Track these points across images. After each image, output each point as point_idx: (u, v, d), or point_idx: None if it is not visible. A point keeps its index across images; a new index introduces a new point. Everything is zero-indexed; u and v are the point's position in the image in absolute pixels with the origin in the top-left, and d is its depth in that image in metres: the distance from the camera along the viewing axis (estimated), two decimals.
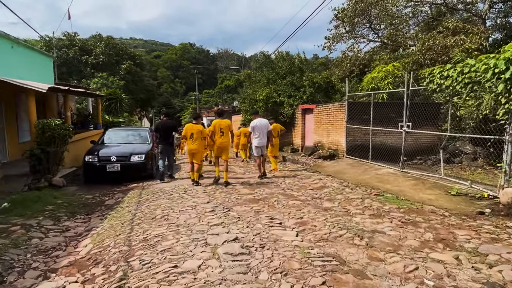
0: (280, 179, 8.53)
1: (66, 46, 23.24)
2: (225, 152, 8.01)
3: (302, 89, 15.69)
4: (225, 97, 62.29)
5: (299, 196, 6.47)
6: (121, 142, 9.78)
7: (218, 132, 7.88)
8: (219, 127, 7.89)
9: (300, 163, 11.71)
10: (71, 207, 6.18)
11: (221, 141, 7.91)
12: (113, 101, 15.37)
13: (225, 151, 8.02)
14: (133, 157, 8.70)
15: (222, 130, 7.89)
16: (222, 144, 7.93)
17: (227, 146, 8.04)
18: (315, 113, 13.07)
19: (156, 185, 8.23)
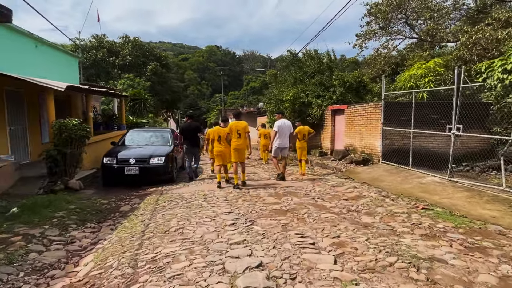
0: (309, 186, 7.75)
1: (95, 48, 23.63)
2: (241, 154, 7.82)
3: (332, 88, 14.76)
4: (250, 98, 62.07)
5: (332, 207, 5.67)
6: (142, 143, 9.38)
7: (234, 134, 7.68)
8: (235, 129, 7.67)
9: (330, 168, 10.83)
10: (83, 213, 5.73)
11: (237, 143, 7.70)
12: (137, 101, 15.19)
13: (241, 154, 7.82)
14: (153, 159, 8.23)
15: (238, 132, 7.67)
16: (238, 146, 7.72)
17: (244, 148, 7.84)
18: (347, 114, 12.14)
19: (175, 189, 7.71)
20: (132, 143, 9.44)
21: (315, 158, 13.35)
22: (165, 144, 9.44)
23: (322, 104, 14.36)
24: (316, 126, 14.66)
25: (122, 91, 15.71)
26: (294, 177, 9.43)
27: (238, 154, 7.77)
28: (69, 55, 12.65)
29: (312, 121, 14.36)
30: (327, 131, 14.05)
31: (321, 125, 14.50)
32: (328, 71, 15.65)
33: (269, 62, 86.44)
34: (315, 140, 15.21)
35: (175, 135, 11.79)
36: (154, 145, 9.25)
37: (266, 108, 17.66)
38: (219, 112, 55.45)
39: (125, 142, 9.46)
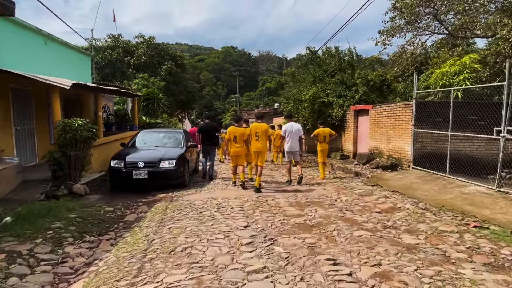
0: (334, 195, 6.96)
1: (110, 48, 23.49)
2: (260, 157, 7.70)
3: (354, 87, 13.87)
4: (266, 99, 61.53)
5: (364, 222, 4.88)
6: (152, 145, 8.82)
7: (253, 136, 7.66)
8: (255, 130, 7.65)
9: (354, 173, 9.98)
10: (83, 224, 5.15)
11: (256, 145, 7.66)
12: (151, 101, 14.74)
13: (261, 156, 7.71)
14: (163, 163, 7.63)
15: (257, 134, 7.62)
16: (257, 148, 7.67)
17: (263, 151, 7.76)
18: (371, 115, 11.25)
19: (186, 196, 7.08)
20: (142, 144, 8.89)
21: (336, 161, 12.50)
22: (177, 146, 8.85)
23: (343, 104, 13.50)
24: (337, 127, 13.81)
25: (136, 91, 15.28)
26: (315, 182, 8.65)
27: (258, 156, 7.68)
28: (81, 53, 12.29)
29: (333, 122, 13.52)
30: (349, 133, 13.17)
31: (342, 126, 13.63)
32: (350, 69, 14.77)
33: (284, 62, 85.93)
34: (336, 142, 14.34)
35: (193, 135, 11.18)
36: (165, 147, 8.67)
37: (284, 108, 16.92)
38: (234, 113, 55.10)
39: (135, 144, 8.92)
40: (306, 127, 14.41)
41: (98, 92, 9.82)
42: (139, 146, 8.82)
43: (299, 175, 8.32)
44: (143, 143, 8.94)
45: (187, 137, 9.98)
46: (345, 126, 13.48)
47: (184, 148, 8.74)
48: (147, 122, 13.92)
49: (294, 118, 14.92)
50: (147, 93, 15.01)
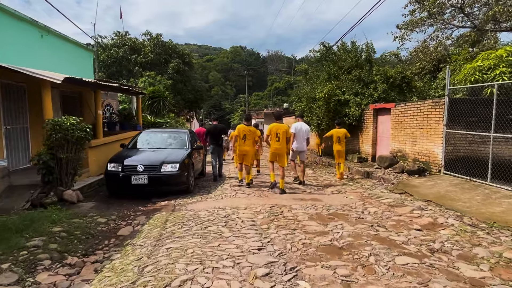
0: (359, 204, 6.07)
1: (117, 45, 22.90)
2: (281, 158, 7.54)
3: (372, 85, 12.91)
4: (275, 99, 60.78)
5: (404, 244, 3.98)
6: (154, 146, 8.04)
7: (274, 137, 7.45)
8: (275, 131, 7.43)
9: (376, 178, 9.05)
10: (67, 240, 4.37)
11: (276, 146, 7.47)
12: (156, 100, 14.01)
13: (281, 157, 7.54)
14: (165, 166, 6.83)
15: (278, 135, 7.42)
16: (277, 150, 7.49)
17: (283, 152, 7.57)
18: (394, 114, 10.28)
19: (191, 204, 6.26)
20: (143, 145, 8.12)
21: (353, 164, 11.56)
22: (181, 147, 8.05)
23: (361, 103, 12.55)
24: (353, 127, 12.88)
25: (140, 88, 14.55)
26: (335, 190, 7.75)
27: (278, 157, 7.53)
28: (82, 48, 11.60)
29: (350, 121, 12.58)
30: (367, 134, 12.22)
31: (359, 126, 12.68)
32: (367, 65, 13.80)
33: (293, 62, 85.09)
34: (352, 143, 13.42)
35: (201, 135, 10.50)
36: (168, 149, 7.87)
37: (296, 107, 16.02)
38: (243, 113, 54.34)
39: (136, 145, 8.15)
40: (320, 127, 13.51)
41: (97, 88, 9.08)
42: (140, 147, 8.04)
43: (301, 179, 8.34)
44: (144, 144, 8.17)
45: (193, 137, 9.19)
46: (362, 126, 12.53)
47: (190, 150, 7.94)
48: (152, 122, 13.20)
49: (305, 117, 14.08)
50: (152, 91, 14.27)
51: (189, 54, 24.13)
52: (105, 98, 13.20)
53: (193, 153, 8.11)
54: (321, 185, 8.61)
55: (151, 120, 13.31)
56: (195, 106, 26.14)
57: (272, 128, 7.47)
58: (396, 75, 12.76)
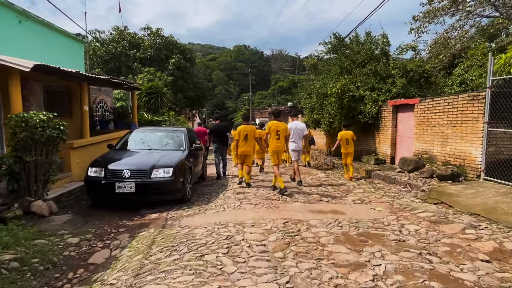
0: (391, 219, 4.93)
1: (115, 40, 21.85)
2: (279, 156, 7.51)
3: (390, 79, 11.73)
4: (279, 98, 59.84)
5: (478, 287, 2.84)
6: (146, 147, 6.93)
7: (274, 135, 7.19)
8: (275, 129, 7.20)
9: (400, 184, 7.89)
10: (16, 274, 3.28)
11: (277, 144, 7.24)
12: (154, 96, 12.91)
13: (280, 155, 7.51)
14: (156, 171, 5.73)
15: (278, 133, 7.19)
16: (277, 148, 7.28)
17: (283, 150, 7.52)
18: (418, 111, 9.11)
19: (186, 218, 5.16)
20: (133, 146, 7.02)
21: (370, 166, 10.40)
22: (177, 148, 6.95)
23: (378, 99, 11.37)
24: (369, 126, 11.74)
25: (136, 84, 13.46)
26: (357, 198, 6.61)
27: (277, 156, 7.34)
28: (71, 39, 10.54)
29: (365, 120, 11.42)
30: (385, 133, 11.04)
31: (376, 125, 11.51)
32: (383, 58, 12.61)
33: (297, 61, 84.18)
34: (367, 143, 12.26)
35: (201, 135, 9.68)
36: (162, 150, 6.77)
37: (304, 104, 14.87)
38: (246, 112, 53.26)
39: (125, 145, 7.06)
40: (332, 125, 12.35)
41: (82, 81, 8.00)
42: (129, 148, 6.95)
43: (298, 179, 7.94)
44: (135, 145, 7.07)
45: (192, 137, 8.09)
46: (379, 125, 11.35)
47: (187, 152, 6.83)
48: (149, 120, 12.13)
49: (316, 115, 12.95)
50: (149, 87, 13.15)
51: (190, 50, 23.04)
52: (98, 94, 12.14)
53: (191, 155, 7.01)
54: (338, 191, 7.48)
55: (148, 118, 12.24)
56: (197, 105, 25.05)
57: (272, 126, 7.24)
58: (417, 68, 11.59)
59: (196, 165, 7.56)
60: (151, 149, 6.78)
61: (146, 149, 6.79)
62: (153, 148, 6.82)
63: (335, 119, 11.92)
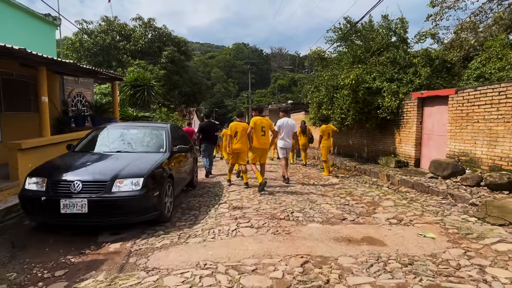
0: (456, 254, 3.35)
1: (104, 31, 20.16)
2: (265, 154, 7.30)
3: (411, 69, 10.15)
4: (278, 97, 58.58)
5: None
6: (114, 149, 5.30)
7: (259, 131, 6.92)
8: (260, 125, 6.94)
9: (437, 194, 6.30)
10: None
11: (263, 141, 7.02)
12: (140, 89, 11.27)
13: (265, 154, 7.32)
14: (119, 183, 4.11)
15: (263, 128, 6.96)
16: (263, 144, 7.04)
17: (268, 148, 7.28)
18: (454, 104, 7.51)
19: (157, 252, 3.57)
20: (98, 148, 5.41)
21: (392, 170, 8.81)
22: (156, 150, 5.33)
23: (398, 91, 9.78)
24: (388, 123, 10.14)
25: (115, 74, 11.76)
26: (390, 216, 5.01)
27: (263, 153, 7.17)
28: (38, 19, 8.90)
29: (384, 115, 9.81)
30: (407, 130, 9.44)
31: (396, 121, 9.92)
32: (402, 45, 11.02)
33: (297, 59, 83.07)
34: (384, 143, 10.67)
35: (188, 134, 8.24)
36: (135, 153, 5.16)
37: (310, 99, 13.26)
38: (245, 110, 51.87)
39: (88, 147, 5.43)
40: (344, 122, 10.73)
41: (39, 65, 6.37)
42: (92, 150, 5.33)
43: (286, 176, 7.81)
44: (100, 145, 5.45)
45: (178, 135, 6.49)
46: (400, 121, 9.75)
47: (168, 154, 5.23)
48: (134, 116, 10.53)
49: (325, 111, 11.35)
50: (136, 79, 11.48)
51: (185, 42, 21.38)
52: (74, 86, 10.53)
53: (174, 159, 5.41)
54: (362, 203, 5.90)
55: (133, 114, 10.63)
56: (193, 101, 23.42)
57: (256, 122, 6.92)
58: (444, 55, 10.00)
59: (182, 171, 5.95)
60: (121, 151, 5.16)
61: (114, 151, 5.17)
62: (123, 150, 5.20)
63: (348, 114, 10.30)
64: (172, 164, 5.23)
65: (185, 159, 6.27)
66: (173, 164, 5.28)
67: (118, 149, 5.23)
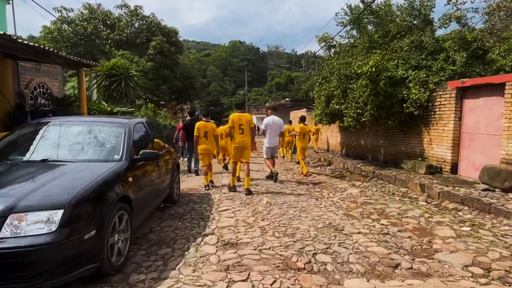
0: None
1: (86, 19, 18.20)
2: (245, 152, 6.49)
3: (442, 54, 8.42)
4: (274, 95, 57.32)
5: None
6: (39, 155, 3.45)
7: (237, 129, 6.38)
8: (238, 122, 6.38)
9: (509, 215, 4.55)
10: None
11: (241, 139, 6.40)
12: (117, 79, 9.42)
13: (246, 151, 6.49)
14: (16, 221, 2.30)
15: (241, 126, 6.38)
16: (242, 142, 6.41)
17: (248, 145, 6.49)
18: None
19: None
20: (19, 153, 3.57)
21: (423, 178, 7.08)
22: (105, 158, 3.51)
23: (427, 80, 8.04)
24: (413, 119, 8.41)
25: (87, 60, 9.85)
26: (469, 263, 3.24)
27: (242, 152, 6.47)
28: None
29: (410, 109, 8.05)
30: (441, 128, 7.70)
31: (425, 117, 8.18)
32: (428, 27, 9.28)
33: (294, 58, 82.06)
34: (407, 143, 8.93)
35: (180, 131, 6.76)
36: (70, 163, 3.31)
37: (316, 93, 11.49)
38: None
39: (4, 151, 3.58)
40: (360, 119, 8.98)
41: None
42: (7, 157, 3.49)
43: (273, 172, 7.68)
44: (21, 151, 3.63)
45: (149, 136, 4.66)
46: (431, 117, 8.01)
47: (124, 164, 3.41)
48: (107, 111, 8.70)
49: (336, 106, 9.60)
50: (111, 67, 9.61)
51: (176, 32, 19.47)
52: (34, 74, 8.67)
53: (136, 171, 3.61)
54: (407, 229, 4.16)
55: (107, 109, 8.80)
56: (186, 98, 21.56)
57: (235, 119, 6.48)
58: (482, 37, 8.28)
59: (151, 188, 4.14)
60: (48, 160, 3.33)
61: (37, 159, 3.34)
62: (52, 159, 3.37)
63: (366, 109, 8.54)
64: (131, 179, 3.42)
65: (158, 169, 4.46)
66: (133, 179, 3.47)
67: (45, 156, 3.40)
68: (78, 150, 3.61)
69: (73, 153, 3.55)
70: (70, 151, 3.58)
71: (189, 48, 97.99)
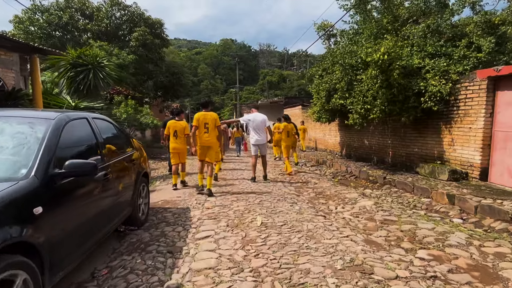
0: None
1: (62, 9, 16.58)
2: (210, 152, 6.35)
3: (463, 40, 7.23)
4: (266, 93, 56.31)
5: None
6: None
7: (202, 128, 6.24)
8: (203, 121, 6.25)
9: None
10: None
11: (206, 139, 6.26)
12: (83, 69, 7.96)
13: (210, 151, 6.34)
14: None
15: (206, 125, 6.24)
16: (206, 142, 6.27)
17: (213, 145, 6.34)
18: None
19: None
20: None
21: (447, 185, 5.88)
22: (3, 175, 2.14)
23: (448, 70, 6.83)
24: (430, 115, 7.19)
25: (40, 44, 8.47)
26: None
27: (207, 151, 6.31)
28: None
29: (430, 104, 6.82)
30: (467, 126, 6.49)
31: (446, 113, 6.96)
32: (446, 11, 8.08)
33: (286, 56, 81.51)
34: (422, 144, 7.71)
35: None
36: None
37: (316, 87, 10.22)
38: (233, 107, 49.07)
39: None
40: (367, 116, 7.72)
41: None
42: None
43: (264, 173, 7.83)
44: None
45: (95, 137, 3.30)
46: (453, 113, 6.79)
47: (34, 183, 2.09)
48: (72, 106, 7.28)
49: (341, 100, 8.34)
50: (78, 55, 8.13)
51: (161, 24, 17.98)
52: None
53: (63, 192, 2.28)
54: (460, 269, 2.89)
55: (70, 104, 7.37)
56: (172, 95, 20.12)
57: (200, 118, 6.24)
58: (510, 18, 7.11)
59: (92, 211, 2.81)
60: None
61: None
62: None
63: (375, 104, 7.28)
64: (41, 209, 2.08)
65: (109, 183, 3.11)
66: (49, 208, 2.13)
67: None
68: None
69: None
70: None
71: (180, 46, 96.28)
